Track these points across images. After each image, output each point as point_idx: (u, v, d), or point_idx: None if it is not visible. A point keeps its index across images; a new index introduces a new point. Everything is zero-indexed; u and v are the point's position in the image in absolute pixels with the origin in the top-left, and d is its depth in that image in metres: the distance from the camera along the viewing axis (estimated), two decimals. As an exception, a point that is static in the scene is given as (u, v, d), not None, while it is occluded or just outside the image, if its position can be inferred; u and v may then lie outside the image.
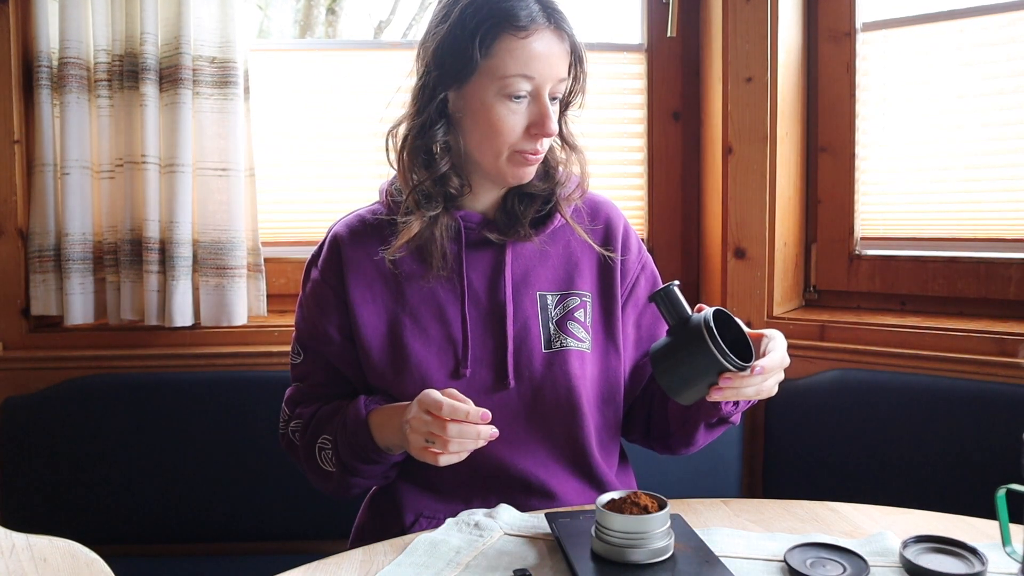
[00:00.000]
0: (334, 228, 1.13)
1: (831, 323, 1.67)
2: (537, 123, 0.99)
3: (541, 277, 1.08)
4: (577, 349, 1.07)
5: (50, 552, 0.77)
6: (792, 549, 0.81)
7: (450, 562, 0.81)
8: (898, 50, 1.73)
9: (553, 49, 0.98)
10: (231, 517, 1.58)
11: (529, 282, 1.08)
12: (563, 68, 1.00)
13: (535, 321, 1.06)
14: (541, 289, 1.08)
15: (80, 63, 1.58)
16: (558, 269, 1.10)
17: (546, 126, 0.99)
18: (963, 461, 1.43)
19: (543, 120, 0.99)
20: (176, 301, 1.58)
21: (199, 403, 1.58)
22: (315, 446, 1.05)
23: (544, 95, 0.99)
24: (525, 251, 1.08)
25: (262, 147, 1.75)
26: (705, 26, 1.82)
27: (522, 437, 1.05)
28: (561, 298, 1.08)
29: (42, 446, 1.56)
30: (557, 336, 1.06)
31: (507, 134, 0.99)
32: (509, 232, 1.06)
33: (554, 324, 1.07)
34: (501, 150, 1.00)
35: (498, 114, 0.98)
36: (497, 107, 0.98)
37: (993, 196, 1.66)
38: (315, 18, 2.50)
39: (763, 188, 1.70)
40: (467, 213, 1.07)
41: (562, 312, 1.08)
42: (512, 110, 0.98)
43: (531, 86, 0.98)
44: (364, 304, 1.06)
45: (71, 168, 1.58)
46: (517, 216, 1.07)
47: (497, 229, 1.07)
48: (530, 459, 1.05)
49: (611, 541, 0.78)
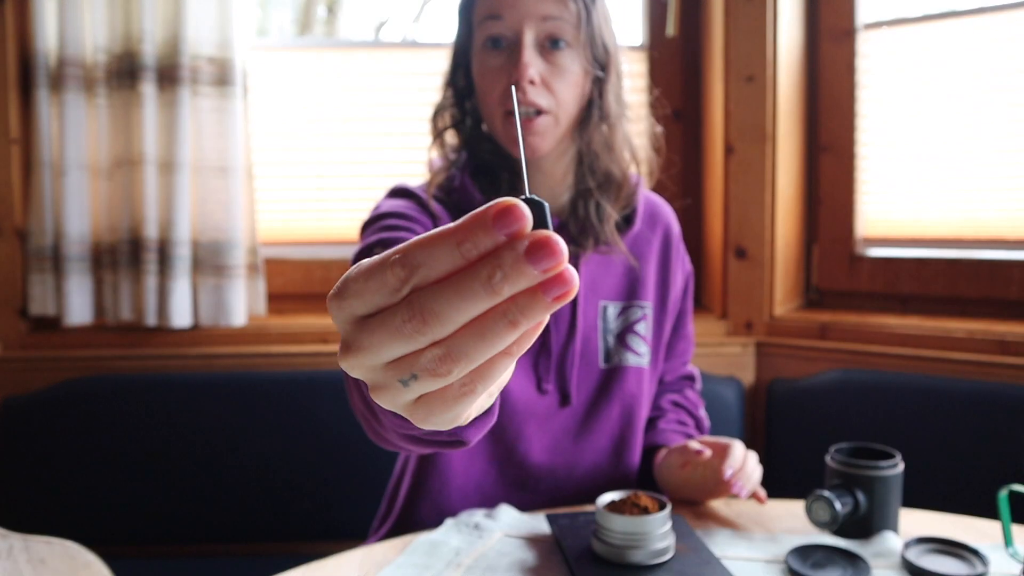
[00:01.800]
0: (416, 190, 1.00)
1: (832, 323, 1.66)
2: (514, 69, 0.89)
3: (605, 285, 1.02)
4: (636, 365, 1.02)
5: (48, 554, 0.77)
6: (793, 550, 0.81)
7: (450, 563, 0.80)
8: (899, 49, 1.73)
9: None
10: (231, 517, 1.57)
11: (594, 290, 1.02)
12: (547, 6, 0.89)
13: (595, 333, 1.01)
14: (604, 298, 1.02)
15: (78, 62, 1.58)
16: (621, 277, 1.03)
17: (518, 68, 0.87)
18: (964, 462, 1.42)
19: (517, 61, 0.88)
20: (175, 301, 1.58)
21: (198, 403, 1.57)
22: (365, 408, 0.70)
23: (523, 37, 0.88)
24: (593, 258, 1.02)
25: (261, 147, 1.75)
26: (706, 25, 1.82)
27: (568, 450, 1.01)
28: (623, 309, 1.03)
29: (40, 446, 1.56)
30: (616, 351, 1.01)
31: (490, 88, 0.91)
32: (582, 241, 0.99)
33: (613, 337, 1.02)
34: (493, 108, 0.93)
35: (480, 67, 0.92)
36: (479, 59, 0.92)
37: (995, 196, 1.65)
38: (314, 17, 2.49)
39: (764, 188, 1.69)
40: None
41: (623, 324, 1.02)
42: (492, 59, 0.90)
43: (505, 28, 0.89)
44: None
45: (69, 168, 1.57)
46: (590, 225, 0.98)
47: (570, 236, 0.99)
48: (575, 471, 1.01)
49: (611, 542, 0.77)
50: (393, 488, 1.07)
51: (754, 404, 1.70)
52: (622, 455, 1.03)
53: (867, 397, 1.54)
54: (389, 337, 0.34)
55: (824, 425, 1.56)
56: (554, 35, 0.90)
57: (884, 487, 0.85)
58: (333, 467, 1.55)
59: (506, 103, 0.91)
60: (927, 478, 1.45)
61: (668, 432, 1.07)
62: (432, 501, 0.99)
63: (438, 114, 1.00)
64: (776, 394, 1.65)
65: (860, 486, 0.85)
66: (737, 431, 1.62)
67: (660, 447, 1.04)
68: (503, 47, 0.90)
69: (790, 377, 1.66)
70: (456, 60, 0.98)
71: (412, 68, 1.82)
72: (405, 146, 1.81)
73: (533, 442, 0.99)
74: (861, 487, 0.85)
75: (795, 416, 1.60)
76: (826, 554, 0.81)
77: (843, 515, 0.84)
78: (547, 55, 0.91)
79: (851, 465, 0.86)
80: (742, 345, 1.71)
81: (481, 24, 0.90)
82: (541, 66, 0.90)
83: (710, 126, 1.81)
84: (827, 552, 0.81)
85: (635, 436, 1.03)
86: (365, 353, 0.35)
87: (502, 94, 0.91)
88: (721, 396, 1.61)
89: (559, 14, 0.89)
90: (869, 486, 0.85)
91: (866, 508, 0.85)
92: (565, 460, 1.01)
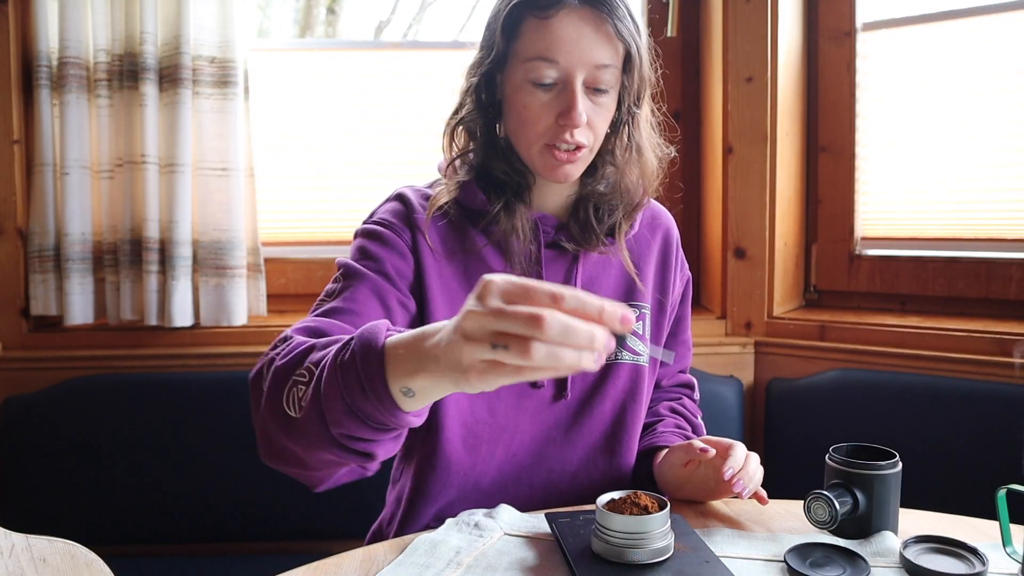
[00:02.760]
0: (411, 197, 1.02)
1: (831, 323, 1.67)
2: (564, 112, 0.90)
3: (604, 285, 1.05)
4: (632, 363, 1.04)
5: (49, 553, 0.77)
6: (792, 549, 0.81)
7: (450, 562, 0.81)
8: (898, 50, 1.73)
9: (584, 32, 0.89)
10: (231, 517, 1.58)
11: (592, 290, 1.03)
12: (599, 52, 0.90)
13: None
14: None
15: (80, 63, 1.58)
16: (620, 278, 1.06)
17: (571, 116, 0.90)
18: (963, 461, 1.43)
19: (569, 109, 0.90)
20: (176, 301, 1.58)
21: (199, 403, 1.58)
22: (287, 382, 0.72)
23: (575, 83, 0.90)
24: (592, 257, 1.04)
25: (262, 147, 1.76)
26: (705, 25, 1.82)
27: (560, 442, 1.02)
28: None
29: (41, 446, 1.56)
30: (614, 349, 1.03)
31: (533, 123, 0.93)
32: (582, 241, 1.01)
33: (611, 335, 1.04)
34: (532, 140, 0.94)
35: (524, 101, 0.92)
36: (523, 93, 0.92)
37: (993, 196, 1.66)
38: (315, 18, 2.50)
39: (763, 188, 1.70)
40: (543, 215, 1.02)
41: None
42: (538, 97, 0.92)
43: (557, 72, 0.90)
44: (434, 278, 0.97)
45: (71, 168, 1.58)
46: (590, 227, 1.01)
47: (570, 236, 1.02)
48: (567, 465, 1.03)
49: (611, 541, 0.78)
50: (396, 493, 1.08)
51: (753, 404, 1.71)
52: (615, 452, 1.04)
53: (866, 397, 1.54)
54: (517, 320, 0.53)
55: (823, 425, 1.57)
56: (601, 81, 0.92)
57: (883, 486, 0.85)
58: (334, 467, 1.56)
59: (547, 137, 0.93)
60: (926, 477, 1.46)
61: (667, 434, 1.08)
62: (432, 499, 1.00)
63: (459, 125, 1.01)
64: (775, 394, 1.65)
65: (859, 485, 0.86)
66: (736, 431, 1.62)
67: (660, 448, 1.05)
68: (549, 85, 0.92)
69: (789, 377, 1.66)
70: (483, 76, 0.97)
71: (412, 68, 1.83)
72: (405, 146, 1.82)
73: (527, 434, 1.01)
74: (860, 486, 0.86)
75: (794, 416, 1.61)
76: (825, 553, 0.81)
77: (842, 514, 0.84)
78: (591, 95, 0.93)
79: (850, 464, 0.87)
80: (741, 345, 1.71)
81: (530, 62, 0.91)
82: (588, 107, 0.92)
83: (709, 126, 1.81)
84: (826, 551, 0.81)
85: (628, 434, 1.04)
86: (493, 319, 0.54)
87: (544, 130, 0.93)
88: (720, 396, 1.61)
89: (610, 61, 0.91)
90: (868, 485, 0.85)
91: (865, 507, 0.85)
92: (558, 452, 1.02)
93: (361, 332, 0.68)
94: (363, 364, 0.65)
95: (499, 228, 0.98)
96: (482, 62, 0.96)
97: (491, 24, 0.96)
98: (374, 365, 0.64)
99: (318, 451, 0.70)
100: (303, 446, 0.71)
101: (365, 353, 0.65)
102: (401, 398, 0.65)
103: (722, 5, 1.70)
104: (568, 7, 0.89)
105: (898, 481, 0.87)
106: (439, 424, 0.97)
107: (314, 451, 0.70)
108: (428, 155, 1.80)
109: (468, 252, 0.99)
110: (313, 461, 0.73)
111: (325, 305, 0.90)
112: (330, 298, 0.91)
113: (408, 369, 0.63)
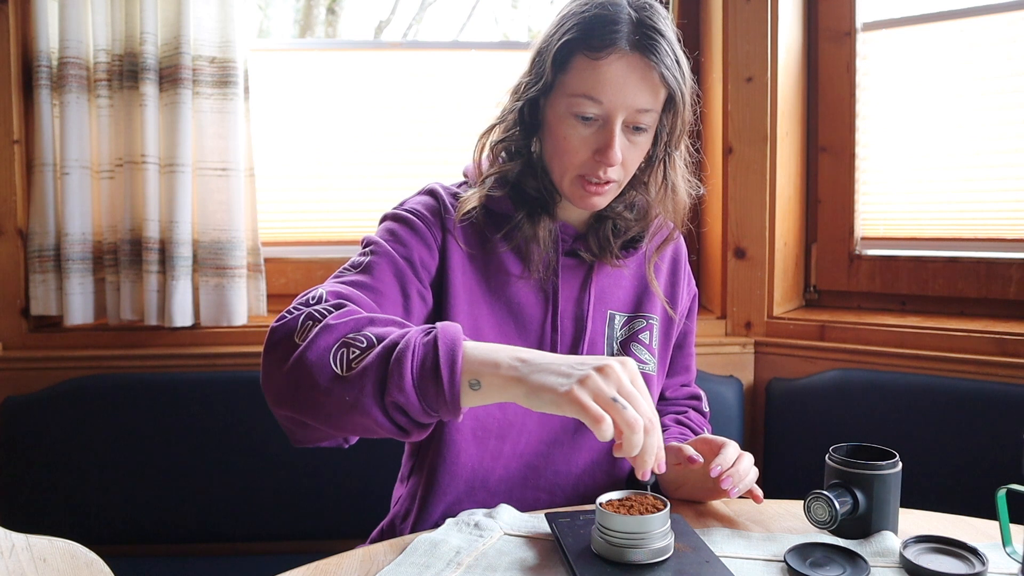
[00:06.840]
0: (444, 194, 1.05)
1: (831, 323, 1.67)
2: (601, 149, 0.94)
3: (614, 297, 1.08)
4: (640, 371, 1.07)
5: (50, 552, 0.77)
6: (792, 549, 0.81)
7: (450, 562, 0.81)
8: (898, 50, 1.73)
9: (631, 77, 0.92)
10: (231, 517, 1.58)
11: (603, 299, 1.07)
12: (643, 98, 0.93)
13: (601, 339, 1.06)
14: (612, 308, 1.08)
15: (80, 63, 1.58)
16: (631, 291, 1.10)
17: (608, 154, 0.93)
18: (963, 461, 1.43)
19: (606, 148, 0.94)
20: (176, 301, 1.58)
21: (199, 403, 1.58)
22: (337, 342, 0.77)
23: (615, 122, 0.93)
24: (606, 268, 1.08)
25: (262, 147, 1.76)
26: (705, 26, 1.82)
27: (567, 444, 1.04)
28: (629, 319, 1.08)
29: (42, 446, 1.56)
30: (620, 356, 1.05)
31: (570, 154, 0.96)
32: (599, 254, 1.06)
33: (618, 344, 1.07)
34: (566, 169, 0.98)
35: (564, 132, 0.96)
36: (564, 124, 0.96)
37: (993, 196, 1.66)
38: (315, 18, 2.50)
39: (763, 188, 1.70)
40: (563, 224, 1.05)
41: (627, 333, 1.08)
42: (579, 131, 0.95)
43: (600, 110, 0.93)
44: (458, 276, 1.00)
45: (71, 168, 1.58)
46: (608, 242, 1.05)
47: (587, 247, 1.06)
48: (572, 467, 1.05)
49: (611, 541, 0.78)
50: (408, 489, 1.09)
51: (753, 404, 1.71)
52: (619, 458, 1.04)
53: (866, 397, 1.54)
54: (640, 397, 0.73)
55: (823, 424, 1.57)
56: (640, 122, 0.95)
57: (883, 486, 0.85)
58: (333, 467, 1.56)
59: (582, 169, 0.96)
60: (926, 477, 1.46)
61: (671, 440, 1.09)
62: (442, 493, 1.02)
63: (501, 143, 1.03)
64: (775, 394, 1.66)
65: (859, 485, 0.86)
66: (736, 431, 1.62)
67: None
68: (590, 119, 0.95)
69: (789, 377, 1.66)
70: (528, 100, 0.99)
71: (412, 69, 1.83)
72: (406, 146, 1.82)
73: (534, 435, 1.03)
74: (860, 486, 0.86)
75: (794, 415, 1.61)
76: (825, 553, 0.81)
77: (842, 514, 0.84)
78: (628, 133, 0.96)
79: (850, 464, 0.87)
80: (741, 345, 1.71)
81: (576, 97, 0.94)
82: (624, 144, 0.96)
83: (709, 126, 1.81)
84: (826, 551, 0.81)
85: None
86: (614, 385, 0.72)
87: (580, 162, 0.96)
88: (720, 396, 1.61)
89: (651, 106, 0.95)
90: (868, 485, 0.85)
91: (865, 507, 0.85)
92: (564, 455, 1.04)
93: (441, 325, 0.76)
94: (437, 343, 0.73)
95: (520, 234, 1.01)
96: (529, 86, 0.99)
97: (543, 51, 0.97)
98: (449, 342, 0.74)
99: (350, 414, 0.75)
100: (335, 403, 0.75)
101: (447, 335, 0.75)
102: (475, 386, 0.74)
103: (722, 5, 1.70)
104: (619, 52, 0.91)
105: (898, 481, 0.87)
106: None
107: (346, 414, 0.75)
108: (428, 155, 1.81)
109: (488, 254, 1.02)
110: (334, 418, 0.77)
111: (349, 275, 0.93)
112: (354, 270, 0.94)
113: (482, 357, 0.74)
